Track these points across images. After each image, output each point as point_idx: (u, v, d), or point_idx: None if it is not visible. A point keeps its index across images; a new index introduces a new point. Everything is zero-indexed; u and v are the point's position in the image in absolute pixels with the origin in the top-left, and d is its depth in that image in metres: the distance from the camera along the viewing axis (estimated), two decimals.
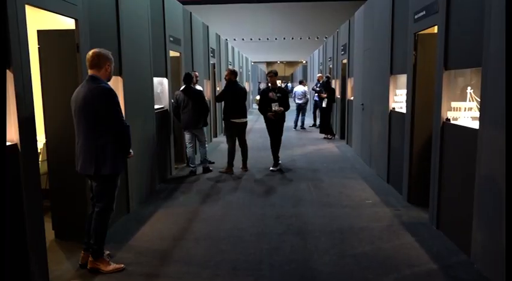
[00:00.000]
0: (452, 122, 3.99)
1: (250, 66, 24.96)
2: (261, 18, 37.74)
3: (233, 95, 6.81)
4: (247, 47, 34.68)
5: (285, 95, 7.05)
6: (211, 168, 7.11)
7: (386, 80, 6.04)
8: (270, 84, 7.13)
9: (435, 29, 4.52)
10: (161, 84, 6.69)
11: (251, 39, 38.08)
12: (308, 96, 13.36)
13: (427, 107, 4.85)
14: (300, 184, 6.15)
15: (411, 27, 4.93)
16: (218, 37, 11.91)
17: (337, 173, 6.85)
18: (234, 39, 34.55)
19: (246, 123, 7.04)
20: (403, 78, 5.94)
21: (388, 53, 5.96)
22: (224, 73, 13.07)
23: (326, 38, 33.23)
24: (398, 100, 5.93)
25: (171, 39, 6.83)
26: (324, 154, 8.71)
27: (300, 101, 13.21)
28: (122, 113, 3.31)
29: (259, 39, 38.25)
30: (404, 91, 5.83)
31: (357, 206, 5.02)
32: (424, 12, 4.52)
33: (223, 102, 7.08)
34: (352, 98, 9.45)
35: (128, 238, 4.10)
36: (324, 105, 10.92)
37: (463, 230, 3.63)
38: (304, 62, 41.90)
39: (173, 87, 7.21)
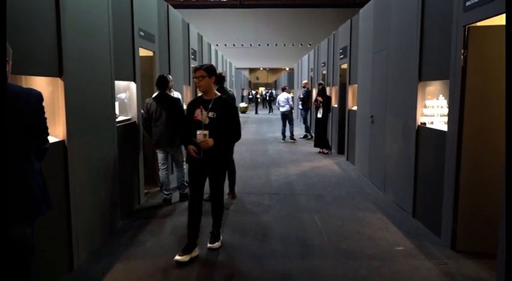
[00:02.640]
0: None
1: (234, 72, 23.66)
2: (244, 24, 37.09)
3: None
4: (230, 53, 33.65)
5: (228, 112, 3.81)
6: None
7: (413, 88, 4.82)
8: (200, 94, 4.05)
9: (499, 19, 3.31)
10: (129, 89, 5.31)
11: (234, 45, 37.15)
12: (291, 102, 12.10)
13: (483, 124, 3.64)
14: (304, 219, 4.83)
15: (459, 19, 3.72)
16: (200, 38, 10.58)
17: (346, 202, 5.56)
18: (217, 45, 33.43)
19: None
20: (435, 86, 4.74)
21: (415, 54, 4.74)
22: None
23: (310, 45, 32.51)
24: (429, 113, 4.71)
25: (142, 33, 5.47)
26: (323, 173, 7.44)
27: (283, 109, 11.98)
28: None
29: (243, 45, 37.38)
30: (437, 102, 4.63)
31: (386, 257, 3.73)
32: None
33: None
34: (354, 108, 8.23)
35: None
36: (319, 115, 9.65)
37: None
38: (287, 69, 41.02)
39: (145, 93, 5.84)
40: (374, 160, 6.54)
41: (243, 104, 27.08)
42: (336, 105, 9.88)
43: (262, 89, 47.55)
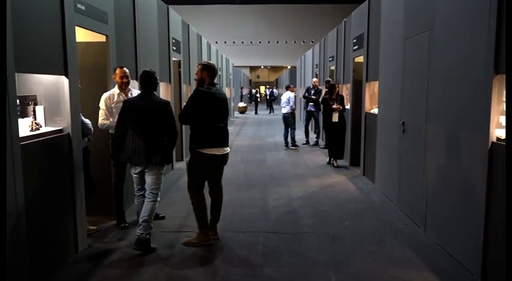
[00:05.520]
0: None
1: (232, 70, 21.99)
2: (244, 21, 35.62)
3: (208, 108, 3.80)
4: (230, 50, 32.15)
5: None
6: (154, 246, 3.84)
7: (482, 85, 3.15)
8: None
9: None
10: (61, 87, 3.65)
11: (234, 42, 35.58)
12: (292, 103, 10.28)
13: None
14: None
15: None
16: (186, 26, 8.92)
17: (374, 247, 3.90)
18: (216, 42, 31.90)
19: (227, 155, 4.05)
20: None
21: (487, 32, 3.08)
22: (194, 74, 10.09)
23: (312, 42, 30.83)
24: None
25: (81, 7, 3.81)
26: (336, 195, 5.77)
27: (284, 111, 10.28)
28: None
29: (242, 42, 35.81)
30: None
31: None
32: None
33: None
34: (374, 110, 6.58)
35: None
36: (335, 119, 7.86)
37: None
38: (289, 67, 39.43)
39: (89, 92, 4.28)
40: (407, 182, 4.88)
41: (241, 104, 25.43)
42: (347, 107, 8.22)
43: (263, 88, 46.00)
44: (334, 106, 7.73)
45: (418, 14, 4.53)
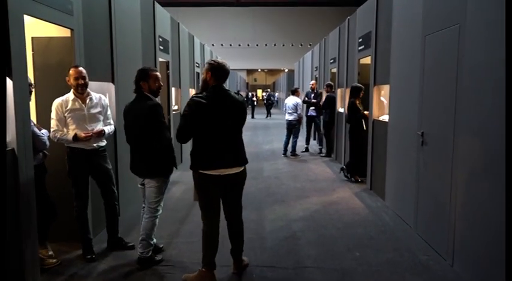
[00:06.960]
0: None
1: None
2: (241, 23, 35.14)
3: (217, 117, 3.06)
4: (227, 53, 31.58)
5: None
6: (158, 258, 3.63)
7: None
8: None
9: None
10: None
11: (231, 45, 35.01)
12: (301, 111, 9.58)
13: None
14: None
15: None
16: (176, 25, 8.20)
17: None
18: (213, 45, 31.31)
19: (244, 174, 3.38)
20: None
21: None
22: (194, 78, 9.34)
23: (310, 45, 30.27)
24: None
25: None
26: (342, 216, 5.03)
27: (290, 118, 9.51)
28: None
29: (240, 45, 35.23)
30: None
31: None
32: None
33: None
34: (383, 117, 5.87)
35: None
36: (365, 127, 6.61)
37: None
38: (286, 70, 38.89)
39: (52, 96, 3.58)
40: (426, 202, 4.16)
41: None
42: None
43: (260, 92, 45.36)
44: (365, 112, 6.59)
45: (443, 5, 3.83)
